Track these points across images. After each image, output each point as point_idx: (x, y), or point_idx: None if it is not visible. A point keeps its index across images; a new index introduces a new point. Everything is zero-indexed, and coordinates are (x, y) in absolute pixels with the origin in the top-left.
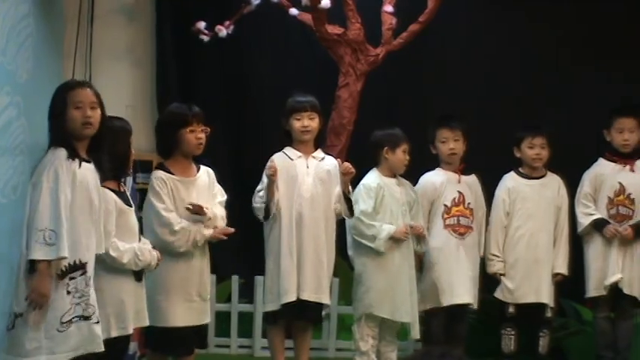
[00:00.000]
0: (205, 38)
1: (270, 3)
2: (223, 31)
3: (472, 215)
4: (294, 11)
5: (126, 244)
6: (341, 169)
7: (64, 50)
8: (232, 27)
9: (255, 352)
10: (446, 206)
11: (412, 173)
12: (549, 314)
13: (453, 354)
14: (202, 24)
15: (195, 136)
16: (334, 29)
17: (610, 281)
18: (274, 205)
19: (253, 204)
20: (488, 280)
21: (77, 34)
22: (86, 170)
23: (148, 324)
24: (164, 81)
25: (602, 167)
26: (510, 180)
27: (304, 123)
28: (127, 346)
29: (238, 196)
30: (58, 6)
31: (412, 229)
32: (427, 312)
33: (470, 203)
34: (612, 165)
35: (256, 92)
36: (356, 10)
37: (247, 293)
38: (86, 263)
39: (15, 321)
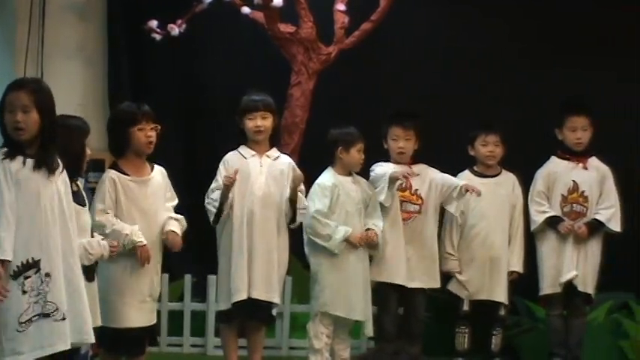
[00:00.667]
0: (157, 37)
1: (222, 1)
2: (175, 30)
3: (421, 200)
4: (246, 10)
5: None
6: (292, 177)
7: (16, 48)
8: (184, 26)
9: (207, 351)
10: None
11: (367, 170)
12: (503, 312)
13: (406, 352)
14: (154, 22)
15: (144, 134)
16: (286, 28)
17: (565, 278)
18: (226, 212)
19: (206, 204)
20: (442, 278)
21: (29, 33)
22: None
23: (101, 324)
24: (116, 79)
25: (555, 165)
26: (465, 179)
27: (257, 123)
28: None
29: (192, 195)
30: (10, 4)
31: (367, 238)
32: (380, 309)
33: (417, 189)
34: (565, 163)
35: (209, 91)
36: (308, 9)
37: (200, 292)
38: (39, 261)
39: None
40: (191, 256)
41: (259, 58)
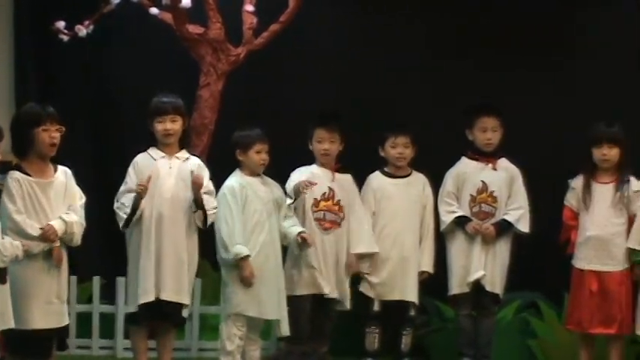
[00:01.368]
0: (65, 38)
1: (130, 2)
2: (83, 31)
3: (341, 212)
4: (154, 10)
5: None
6: (192, 179)
7: None
8: (92, 26)
9: (117, 354)
10: (315, 199)
11: (286, 171)
12: (413, 312)
13: (316, 352)
14: (62, 23)
15: (49, 135)
16: (195, 29)
17: (473, 278)
18: (136, 217)
19: (115, 208)
20: (352, 278)
21: None
22: None
23: (14, 326)
24: (23, 81)
25: (464, 166)
26: (375, 180)
27: (166, 126)
28: None
29: (101, 196)
30: None
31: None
32: (292, 308)
33: (340, 200)
34: (475, 163)
35: (118, 92)
36: (217, 10)
37: (109, 294)
38: None
39: None
40: (100, 258)
41: (168, 59)
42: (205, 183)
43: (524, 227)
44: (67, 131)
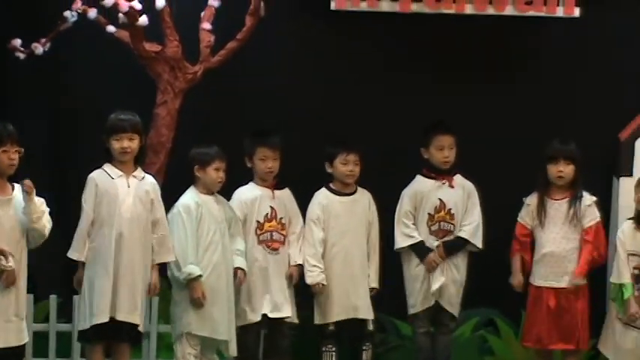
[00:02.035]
0: (21, 56)
1: (87, 20)
2: (39, 49)
3: (285, 230)
4: (111, 29)
5: None
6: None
7: None
8: (49, 44)
9: None
10: (259, 222)
11: (233, 188)
12: (371, 327)
13: None
14: (18, 41)
15: (8, 157)
16: (152, 47)
17: (435, 287)
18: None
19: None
20: (308, 296)
21: None
22: None
23: None
24: None
25: (420, 184)
26: (323, 197)
27: (123, 145)
28: None
29: (57, 215)
30: None
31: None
32: (242, 327)
33: (282, 218)
34: (431, 182)
35: (75, 110)
36: (174, 28)
37: (66, 313)
38: None
39: None
40: (57, 277)
41: (125, 77)
42: (158, 201)
43: (478, 242)
44: (25, 149)
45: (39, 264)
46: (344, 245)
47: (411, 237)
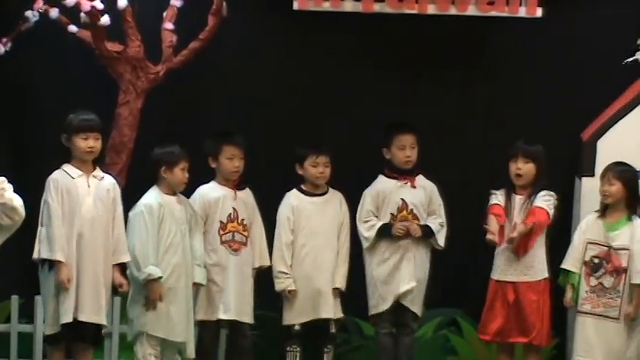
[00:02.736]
0: None
1: (48, 20)
2: (1, 49)
3: (246, 231)
4: (73, 28)
5: None
6: None
7: None
8: (10, 44)
9: None
10: (222, 222)
11: (192, 189)
12: (334, 330)
13: None
14: None
15: None
16: (114, 46)
17: (404, 289)
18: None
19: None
20: (272, 297)
21: None
22: None
23: None
24: None
25: (382, 184)
26: (294, 198)
27: (90, 144)
28: None
29: None
30: None
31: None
32: (200, 325)
33: (244, 219)
34: (393, 182)
35: (36, 110)
36: (136, 28)
37: (27, 313)
38: None
39: None
40: (18, 277)
41: (86, 77)
42: (118, 202)
43: (441, 240)
44: None
45: None
46: (314, 246)
47: (374, 225)
